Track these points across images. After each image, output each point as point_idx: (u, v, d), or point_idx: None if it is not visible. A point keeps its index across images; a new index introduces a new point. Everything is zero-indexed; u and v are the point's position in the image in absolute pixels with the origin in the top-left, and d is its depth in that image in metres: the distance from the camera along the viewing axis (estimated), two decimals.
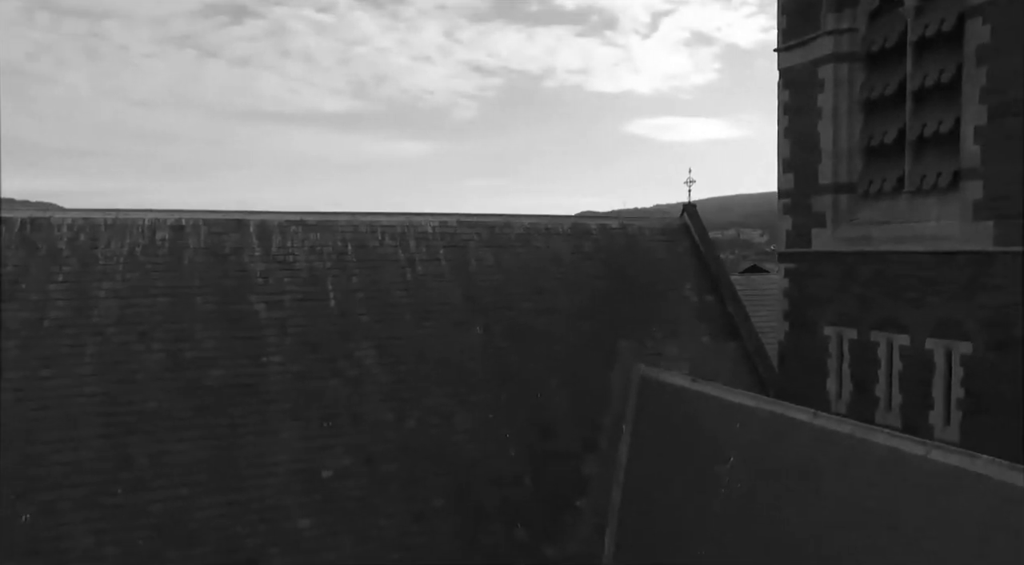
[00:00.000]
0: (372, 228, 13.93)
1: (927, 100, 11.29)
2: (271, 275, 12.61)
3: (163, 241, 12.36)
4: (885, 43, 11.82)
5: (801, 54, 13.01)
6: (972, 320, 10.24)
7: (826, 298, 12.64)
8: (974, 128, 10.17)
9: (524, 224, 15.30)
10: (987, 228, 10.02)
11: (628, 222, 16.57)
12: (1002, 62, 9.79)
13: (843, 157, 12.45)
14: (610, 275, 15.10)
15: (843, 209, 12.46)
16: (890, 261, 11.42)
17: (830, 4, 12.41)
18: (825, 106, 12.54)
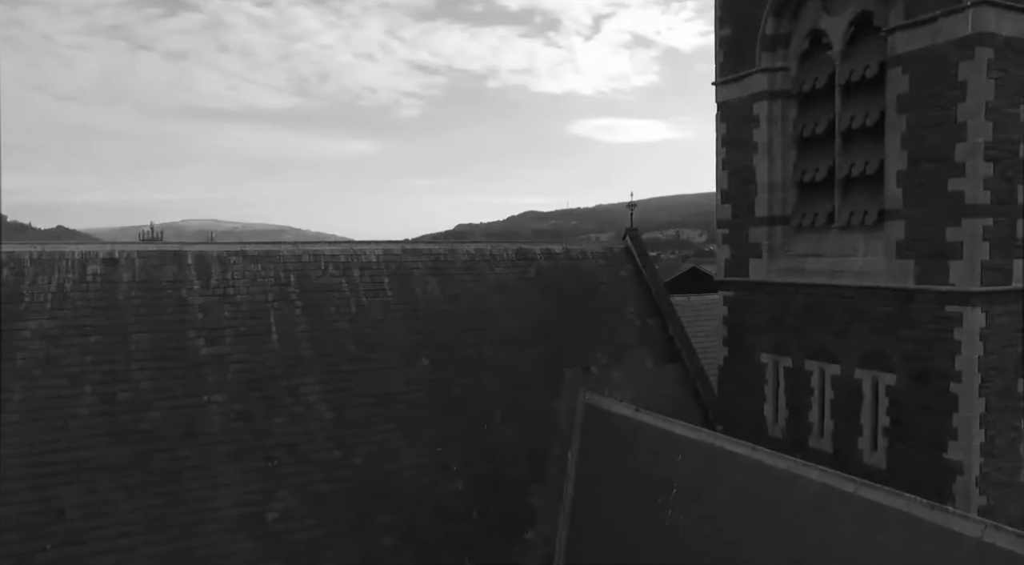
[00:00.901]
0: (315, 258, 13.72)
1: (854, 140, 11.84)
2: (211, 309, 12.28)
3: (95, 276, 11.88)
4: (815, 84, 12.34)
5: (738, 89, 13.46)
6: (895, 353, 10.81)
7: (762, 326, 13.11)
8: (896, 172, 10.73)
9: (469, 251, 15.34)
10: (908, 266, 10.59)
11: (571, 247, 16.80)
12: (920, 111, 10.36)
13: (778, 190, 12.93)
14: (555, 301, 15.29)
15: (778, 241, 12.95)
16: (822, 293, 11.94)
17: (764, 43, 12.88)
18: (760, 141, 13.01)
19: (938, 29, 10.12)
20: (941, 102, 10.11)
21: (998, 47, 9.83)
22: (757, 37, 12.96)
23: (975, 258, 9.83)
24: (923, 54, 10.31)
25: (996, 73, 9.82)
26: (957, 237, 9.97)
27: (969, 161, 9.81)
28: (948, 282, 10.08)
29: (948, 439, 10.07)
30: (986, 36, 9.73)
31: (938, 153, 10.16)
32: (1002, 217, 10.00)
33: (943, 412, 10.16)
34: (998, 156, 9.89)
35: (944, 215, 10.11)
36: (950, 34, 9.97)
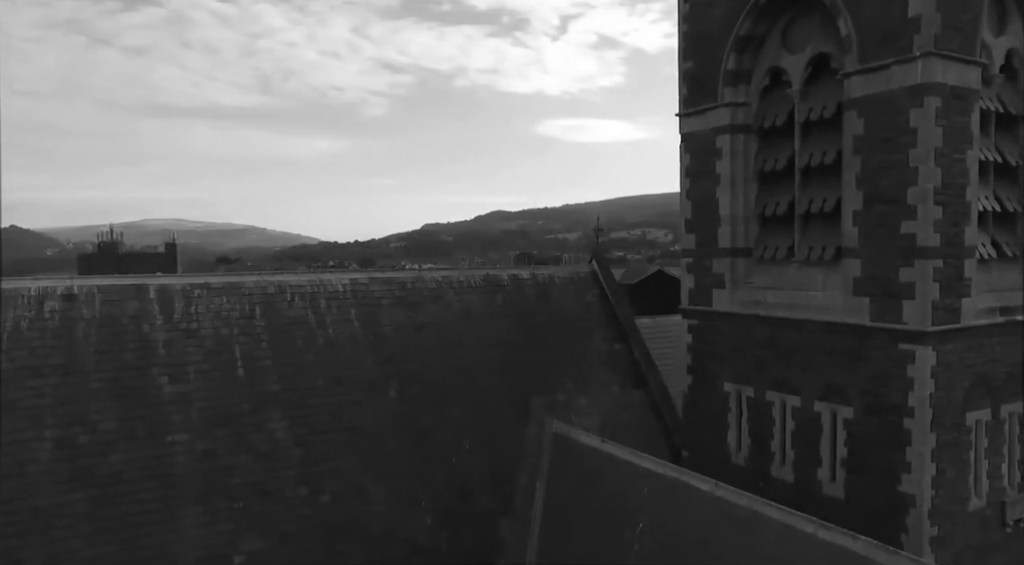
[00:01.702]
0: (281, 289, 13.61)
1: (813, 177, 12.18)
2: (174, 345, 12.12)
3: (52, 313, 11.63)
4: (776, 121, 12.66)
5: (701, 122, 13.72)
6: (853, 387, 11.15)
7: (725, 355, 13.38)
8: (852, 211, 11.07)
9: (436, 279, 15.37)
10: (864, 304, 10.94)
11: (538, 271, 16.96)
12: (874, 154, 10.71)
13: (740, 223, 13.22)
14: (522, 328, 15.41)
15: (740, 272, 13.24)
16: (782, 326, 12.24)
17: (726, 78, 13.16)
18: (723, 173, 13.28)
19: (890, 76, 10.47)
20: (894, 146, 10.46)
21: (945, 96, 10.22)
22: (720, 72, 13.23)
23: (926, 298, 10.20)
24: (877, 99, 10.66)
25: (943, 121, 10.21)
26: (910, 278, 10.33)
27: (920, 205, 10.17)
28: (902, 321, 10.43)
29: (901, 472, 10.42)
30: (934, 86, 10.10)
31: (891, 196, 10.51)
32: (951, 258, 10.39)
33: (897, 446, 10.51)
34: (946, 200, 10.28)
35: (897, 256, 10.47)
36: (902, 81, 10.33)
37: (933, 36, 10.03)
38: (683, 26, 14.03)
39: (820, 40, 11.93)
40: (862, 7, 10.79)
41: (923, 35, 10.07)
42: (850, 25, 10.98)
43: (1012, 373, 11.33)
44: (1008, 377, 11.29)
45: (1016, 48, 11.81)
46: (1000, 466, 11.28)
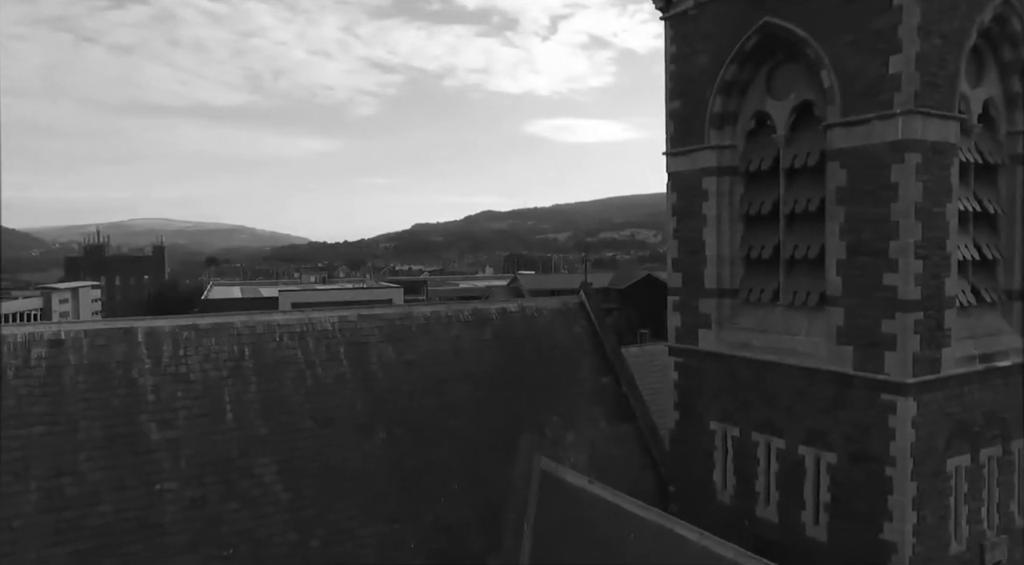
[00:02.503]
0: (270, 328, 13.63)
1: (798, 222, 12.35)
2: (163, 389, 12.11)
3: (39, 359, 11.60)
4: (761, 165, 12.82)
5: (688, 162, 13.86)
6: (836, 433, 11.33)
7: (712, 394, 13.54)
8: (836, 260, 11.25)
9: (425, 313, 15.42)
10: (847, 353, 11.12)
11: (527, 304, 17.06)
12: (857, 206, 10.89)
13: (726, 264, 13.38)
14: (510, 362, 15.48)
15: (726, 313, 13.39)
16: (767, 369, 12.41)
17: (712, 120, 13.31)
18: (709, 215, 13.43)
19: (872, 130, 10.65)
20: (876, 199, 10.64)
21: (925, 152, 10.41)
22: (706, 114, 13.37)
23: (907, 350, 10.38)
24: (859, 152, 10.84)
25: (924, 176, 10.40)
26: (891, 329, 10.51)
27: (901, 259, 10.36)
28: (883, 371, 10.62)
29: (883, 520, 10.60)
30: (914, 142, 10.29)
31: (873, 248, 10.69)
32: (932, 310, 10.59)
33: (879, 494, 10.69)
34: (927, 253, 10.47)
35: (879, 307, 10.65)
36: (883, 136, 10.51)
37: (913, 94, 10.22)
38: (670, 66, 14.17)
39: (804, 88, 12.10)
40: (844, 61, 10.96)
41: (903, 93, 10.25)
42: (833, 78, 11.15)
43: (991, 417, 11.55)
44: (987, 421, 11.51)
45: (993, 98, 12.04)
46: (979, 510, 11.49)
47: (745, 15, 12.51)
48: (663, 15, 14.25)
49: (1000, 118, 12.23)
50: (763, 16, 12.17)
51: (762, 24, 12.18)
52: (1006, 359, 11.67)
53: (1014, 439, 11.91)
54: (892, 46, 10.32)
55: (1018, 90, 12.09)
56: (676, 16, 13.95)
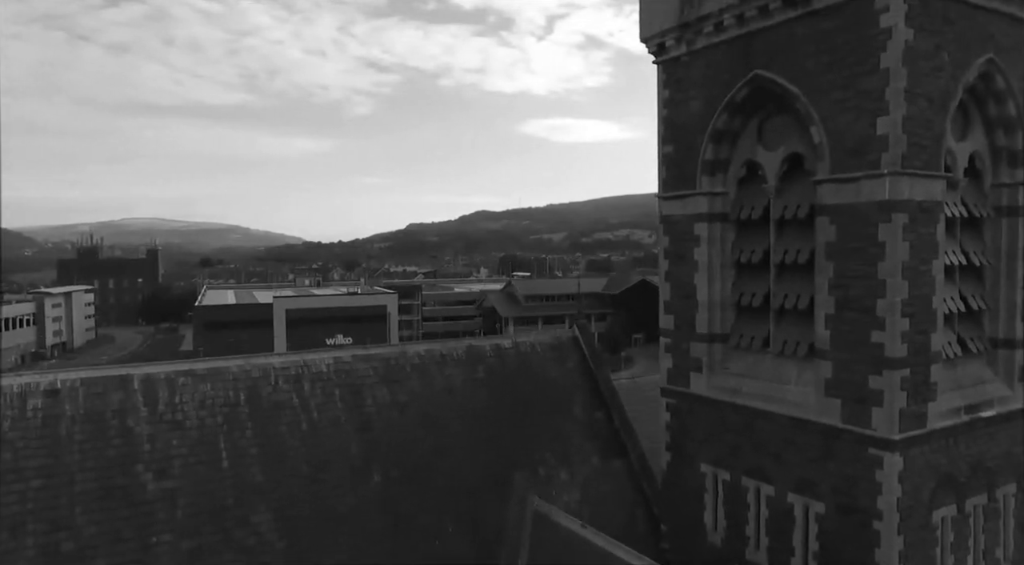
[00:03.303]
0: (265, 372, 13.72)
1: (788, 272, 12.51)
2: (159, 438, 12.19)
3: (35, 411, 11.66)
4: (752, 214, 12.98)
5: (679, 206, 14.01)
6: (824, 483, 11.49)
7: (703, 437, 13.70)
8: (825, 314, 11.41)
9: (419, 353, 15.54)
10: (836, 405, 11.29)
11: (520, 340, 17.14)
12: (845, 262, 11.06)
13: (717, 309, 13.53)
14: (504, 400, 15.61)
15: (717, 358, 13.55)
16: (757, 416, 12.57)
17: (704, 167, 13.46)
18: (701, 260, 13.59)
19: (860, 189, 10.82)
20: (863, 257, 10.81)
21: (912, 211, 10.58)
22: (698, 160, 13.53)
23: (894, 407, 10.56)
24: (847, 209, 11.01)
25: (911, 235, 10.57)
26: (878, 385, 10.69)
27: (889, 317, 10.53)
28: (871, 426, 10.79)
29: None
30: (901, 203, 10.46)
31: (861, 304, 10.86)
32: (918, 366, 10.76)
33: (866, 546, 10.86)
34: (914, 311, 10.65)
35: (867, 363, 10.82)
36: (870, 196, 10.68)
37: (900, 156, 10.40)
38: (663, 110, 14.32)
39: (794, 140, 12.27)
40: (833, 119, 11.13)
41: (891, 154, 10.42)
42: (822, 134, 11.32)
43: (976, 466, 11.74)
44: (972, 471, 11.70)
45: (979, 151, 12.23)
46: (965, 558, 11.68)
47: (736, 66, 12.68)
48: (656, 59, 14.40)
49: (985, 170, 12.43)
50: (753, 68, 12.33)
51: (753, 76, 12.34)
52: (991, 409, 11.86)
53: (999, 486, 12.10)
54: (880, 107, 10.49)
55: (1003, 144, 12.29)
56: (669, 61, 14.10)
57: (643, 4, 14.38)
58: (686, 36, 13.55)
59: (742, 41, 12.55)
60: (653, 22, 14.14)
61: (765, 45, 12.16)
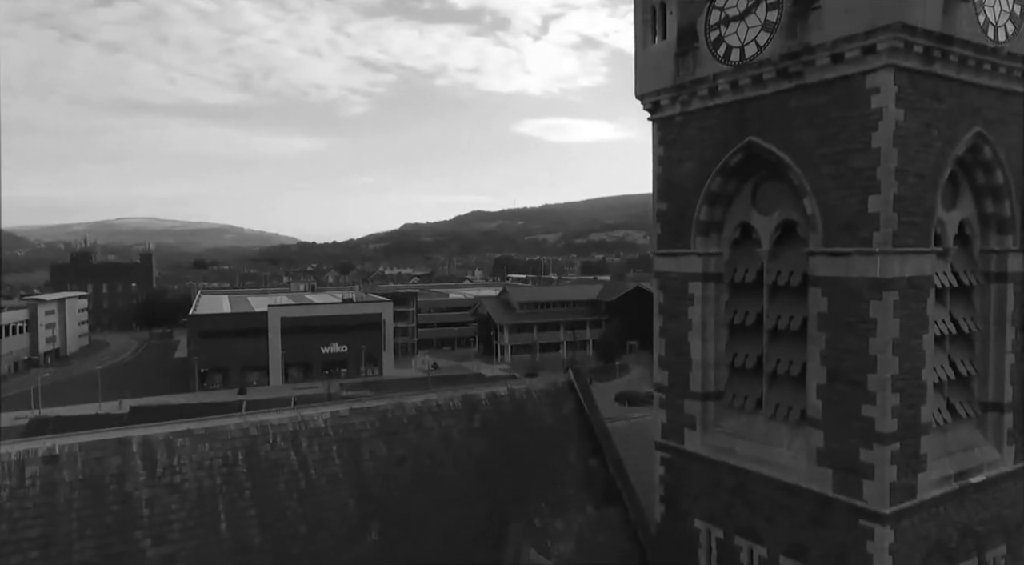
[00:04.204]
0: (263, 430, 13.80)
1: (781, 337, 12.66)
2: (157, 502, 12.25)
3: (34, 478, 11.71)
4: (746, 277, 13.13)
5: (674, 263, 14.16)
6: (816, 550, 11.65)
7: (697, 493, 13.84)
8: (816, 384, 11.57)
9: (416, 404, 15.63)
10: (827, 475, 11.44)
11: (515, 387, 17.25)
12: (837, 335, 11.22)
13: (711, 368, 13.68)
14: (499, 450, 15.71)
15: (710, 416, 13.70)
16: (750, 477, 12.71)
17: (698, 228, 13.61)
18: (695, 319, 13.73)
19: (852, 264, 10.98)
20: (855, 331, 10.97)
21: (902, 288, 10.75)
22: (692, 220, 13.67)
23: (885, 480, 10.72)
24: (839, 283, 11.17)
25: (901, 311, 10.74)
26: (869, 459, 10.85)
27: (879, 392, 10.69)
28: (862, 498, 10.95)
29: None
30: (893, 281, 10.62)
31: (852, 378, 11.02)
32: (909, 439, 10.93)
33: None
34: (904, 386, 10.81)
35: (857, 436, 10.98)
36: (862, 272, 10.84)
37: (891, 235, 10.56)
38: (658, 167, 14.46)
39: (788, 207, 12.42)
40: (826, 193, 11.29)
41: (882, 233, 10.58)
42: (815, 206, 11.47)
43: (965, 532, 11.91)
44: (962, 536, 11.87)
45: (968, 218, 12.42)
46: None
47: (730, 130, 12.83)
48: (651, 116, 14.54)
49: (975, 236, 12.61)
50: (748, 134, 12.49)
51: (747, 143, 12.50)
52: (980, 474, 12.04)
53: (989, 549, 12.28)
54: (871, 186, 10.66)
55: (991, 211, 12.48)
56: (664, 119, 14.24)
57: (638, 61, 14.52)
58: (681, 97, 13.70)
59: (737, 106, 12.70)
60: (648, 80, 14.28)
61: (759, 113, 12.31)
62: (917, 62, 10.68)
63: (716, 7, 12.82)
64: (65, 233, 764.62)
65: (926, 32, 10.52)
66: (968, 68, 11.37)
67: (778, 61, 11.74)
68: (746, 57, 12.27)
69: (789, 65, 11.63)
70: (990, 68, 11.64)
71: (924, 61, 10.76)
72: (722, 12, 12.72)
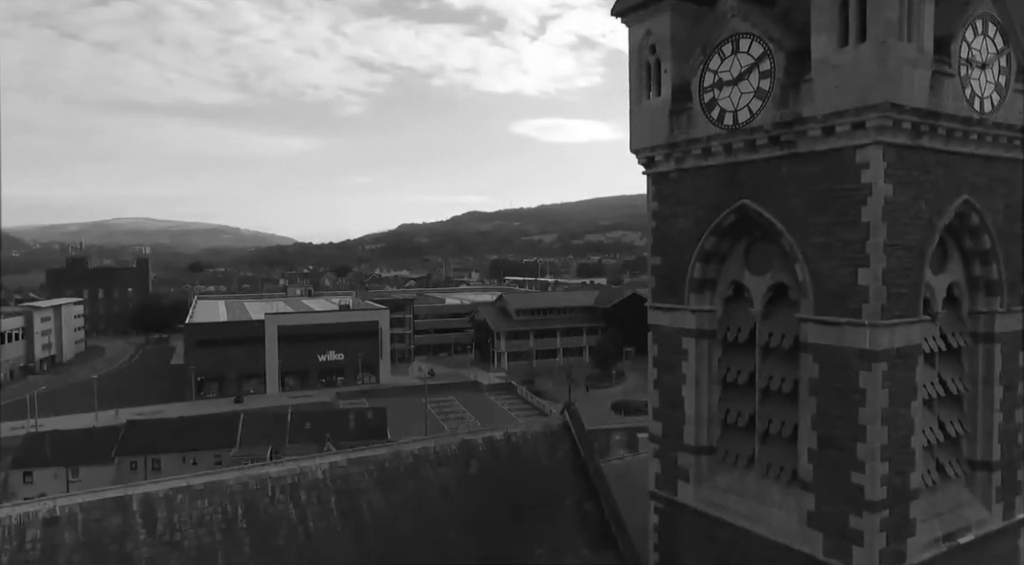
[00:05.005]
0: (262, 483, 13.95)
1: (773, 397, 12.84)
2: (158, 561, 12.39)
3: (34, 542, 11.84)
4: (738, 336, 13.31)
5: (668, 318, 14.34)
6: None
7: (690, 545, 14.02)
8: (807, 448, 11.76)
9: (414, 452, 15.78)
10: (818, 537, 11.63)
11: (512, 431, 17.42)
12: (828, 402, 11.41)
13: (704, 423, 13.86)
14: (496, 496, 15.87)
15: (703, 470, 13.88)
16: (743, 534, 12.90)
17: (692, 285, 13.78)
18: (688, 374, 13.91)
19: (842, 333, 11.17)
20: (845, 401, 11.16)
21: (892, 359, 10.94)
22: (686, 275, 13.84)
23: (874, 548, 10.91)
24: (830, 351, 11.36)
25: (890, 381, 10.93)
26: (858, 526, 11.04)
27: (869, 462, 10.89)
28: (851, 563, 11.13)
29: None
30: (882, 353, 10.82)
31: (842, 445, 11.21)
32: (898, 506, 11.12)
33: None
34: (893, 454, 11.01)
35: (847, 502, 11.17)
36: (852, 342, 11.03)
37: (880, 308, 10.75)
38: (652, 222, 14.64)
39: (779, 270, 12.61)
40: (816, 262, 11.48)
41: (871, 306, 10.78)
42: (806, 273, 11.66)
43: None
44: None
45: (957, 281, 12.63)
46: None
47: (724, 191, 13.01)
48: (645, 170, 14.73)
49: (963, 298, 12.83)
50: (741, 197, 12.67)
51: (740, 205, 12.68)
52: (969, 534, 12.25)
53: None
54: (860, 258, 10.85)
55: (979, 274, 12.69)
56: (658, 175, 14.43)
57: (633, 117, 14.70)
58: (675, 154, 13.88)
59: (730, 168, 12.89)
60: (643, 135, 14.46)
61: (752, 177, 12.50)
62: (905, 137, 10.89)
63: (710, 70, 13.00)
64: (60, 233, 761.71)
65: (914, 109, 10.72)
66: (955, 139, 11.59)
67: (770, 129, 11.93)
68: (739, 122, 12.46)
69: (781, 133, 11.82)
70: (976, 138, 11.85)
71: (912, 136, 10.96)
72: (716, 75, 12.91)
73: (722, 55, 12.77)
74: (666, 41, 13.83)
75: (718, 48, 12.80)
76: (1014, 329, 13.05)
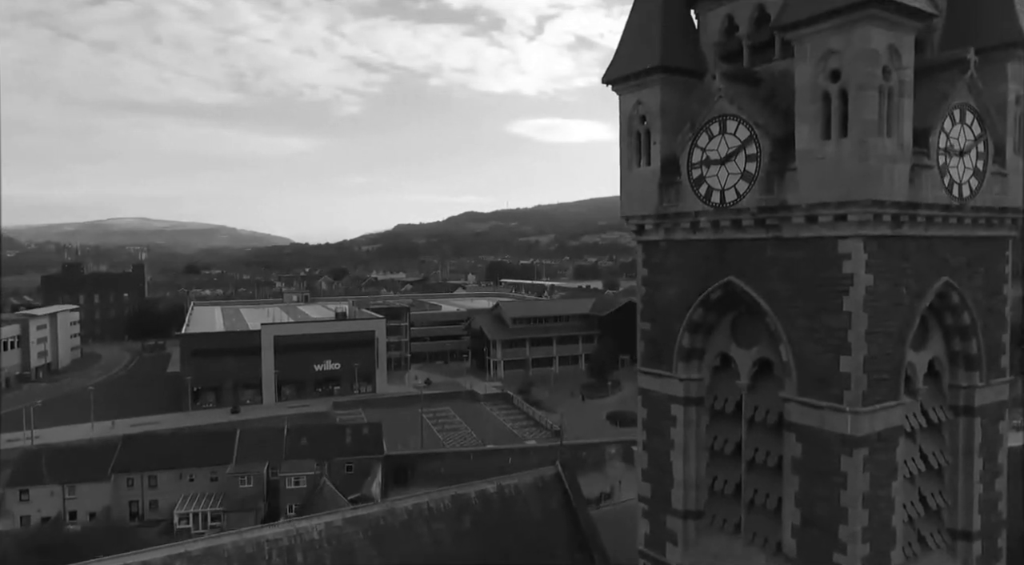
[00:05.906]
0: (259, 547, 14.24)
1: (759, 467, 13.14)
2: None
3: None
4: (725, 407, 13.62)
5: (657, 384, 14.62)
6: None
7: None
8: (791, 524, 12.06)
9: (407, 509, 16.10)
10: None
11: (504, 482, 17.72)
12: (811, 482, 11.70)
13: (692, 487, 14.15)
14: (489, 550, 16.21)
15: (691, 534, 14.17)
16: None
17: (680, 353, 14.08)
18: (676, 440, 14.20)
19: (824, 418, 11.46)
20: (827, 482, 11.45)
21: (873, 443, 11.25)
22: (675, 343, 14.13)
23: None
24: (813, 433, 11.65)
25: (871, 465, 11.24)
26: None
27: (850, 544, 11.19)
28: None
29: None
30: (863, 439, 11.12)
31: (824, 525, 11.51)
32: None
33: None
34: (874, 536, 11.31)
35: None
36: (833, 427, 11.32)
37: (861, 395, 11.06)
38: (642, 288, 14.93)
39: (765, 346, 12.90)
40: (800, 345, 11.78)
41: (852, 393, 11.08)
42: (790, 355, 11.96)
43: None
44: None
45: (938, 356, 12.95)
46: None
47: (712, 266, 13.29)
48: (636, 238, 15.02)
49: (944, 371, 13.15)
50: (728, 274, 12.97)
51: (727, 282, 12.98)
52: None
53: None
54: (842, 346, 11.15)
55: (959, 349, 13.02)
56: (648, 243, 14.72)
57: (624, 184, 14.99)
58: (664, 224, 14.18)
59: (718, 244, 13.18)
60: (633, 204, 14.75)
61: (739, 255, 12.79)
62: (887, 228, 11.19)
63: (699, 146, 13.31)
64: (56, 233, 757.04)
65: (894, 203, 11.03)
66: (935, 225, 11.91)
67: (756, 212, 12.24)
68: (726, 201, 12.76)
69: (767, 217, 12.13)
70: (955, 221, 12.18)
71: (893, 226, 11.27)
72: (704, 153, 13.21)
73: (710, 134, 13.07)
74: (656, 113, 14.14)
75: (706, 127, 13.10)
76: (993, 401, 13.38)
